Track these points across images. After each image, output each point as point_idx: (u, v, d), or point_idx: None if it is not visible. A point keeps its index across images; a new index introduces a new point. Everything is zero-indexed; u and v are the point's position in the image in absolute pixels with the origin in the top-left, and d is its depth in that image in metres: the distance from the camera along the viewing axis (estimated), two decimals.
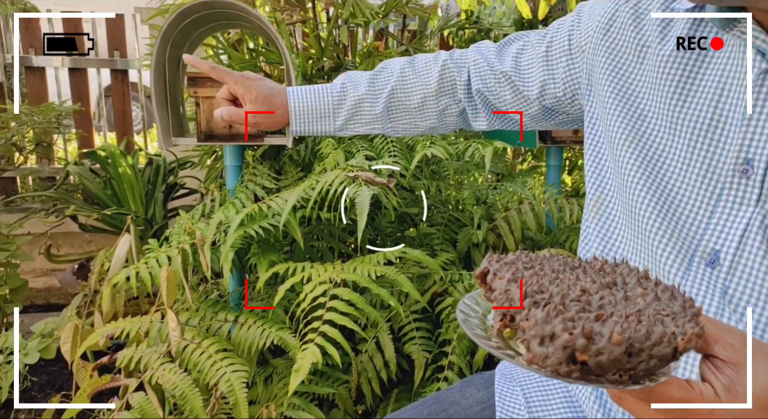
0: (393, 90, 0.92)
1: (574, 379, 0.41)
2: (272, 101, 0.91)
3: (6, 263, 1.99)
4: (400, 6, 1.98)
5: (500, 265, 0.51)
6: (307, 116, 0.92)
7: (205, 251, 1.27)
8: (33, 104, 2.66)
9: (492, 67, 0.86)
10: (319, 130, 0.95)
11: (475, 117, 0.92)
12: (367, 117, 0.94)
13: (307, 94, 0.93)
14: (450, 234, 1.62)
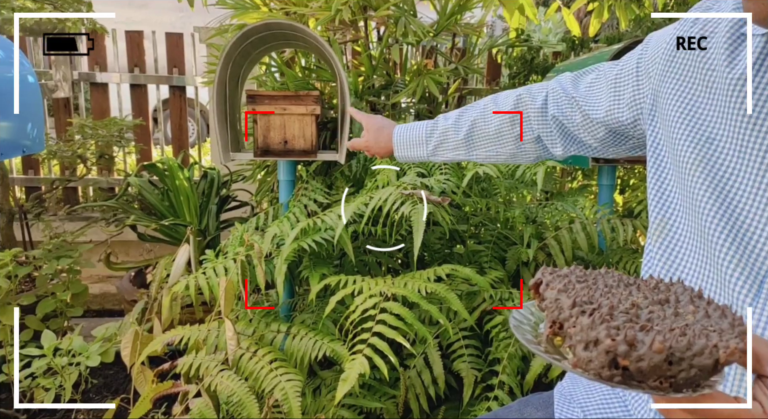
0: (475, 119, 1.03)
1: (615, 383, 0.42)
2: (381, 132, 1.16)
3: (69, 269, 2.10)
4: (452, 25, 2.01)
5: (553, 277, 0.54)
6: (406, 144, 1.12)
7: (262, 264, 1.31)
8: (96, 118, 2.80)
9: (567, 93, 0.91)
10: (416, 155, 1.12)
11: (552, 143, 0.96)
12: (451, 144, 1.06)
13: (408, 128, 1.13)
14: (499, 252, 1.62)
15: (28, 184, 2.90)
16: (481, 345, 1.35)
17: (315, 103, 1.58)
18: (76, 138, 2.55)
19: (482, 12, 2.67)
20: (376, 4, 1.96)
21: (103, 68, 2.89)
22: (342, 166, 1.77)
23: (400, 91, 2.09)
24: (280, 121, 1.59)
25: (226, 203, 2.47)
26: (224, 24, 2.25)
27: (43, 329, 2.06)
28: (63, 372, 1.55)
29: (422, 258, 1.74)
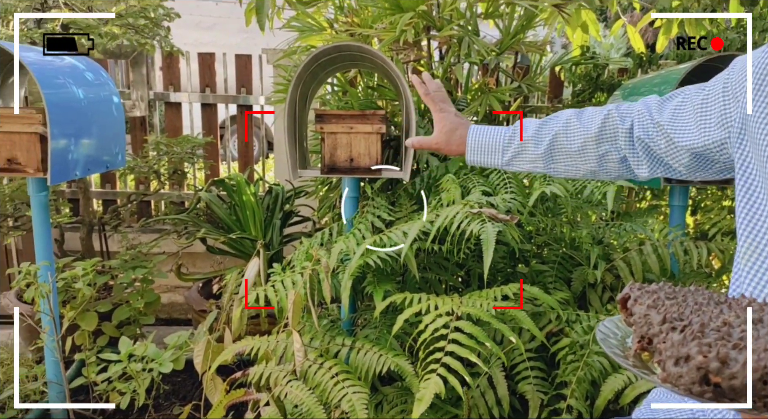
0: (557, 134, 1.01)
1: (707, 400, 0.42)
2: (454, 133, 1.11)
3: (143, 279, 2.21)
4: (516, 44, 2.02)
5: (642, 292, 0.54)
6: (480, 149, 1.09)
7: (329, 278, 1.34)
8: (170, 136, 2.95)
9: (652, 117, 0.90)
10: (489, 162, 1.09)
11: (638, 165, 0.95)
12: (530, 156, 1.05)
13: (484, 132, 1.10)
14: (564, 273, 1.59)
15: (105, 197, 3.08)
16: (547, 367, 1.33)
17: (381, 122, 1.62)
18: (151, 154, 2.70)
19: (545, 30, 2.66)
20: (439, 24, 1.99)
21: (176, 88, 3.05)
22: (405, 183, 1.79)
23: (462, 109, 2.11)
24: (347, 139, 1.63)
25: (289, 218, 2.54)
26: (292, 46, 2.35)
27: (118, 335, 2.17)
28: (137, 377, 1.63)
29: (483, 277, 1.73)
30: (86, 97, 1.65)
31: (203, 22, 7.39)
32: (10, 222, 2.29)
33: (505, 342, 1.34)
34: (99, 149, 1.73)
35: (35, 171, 1.55)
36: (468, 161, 1.11)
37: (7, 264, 2.98)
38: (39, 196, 1.65)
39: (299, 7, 2.67)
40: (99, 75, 1.80)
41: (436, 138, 1.13)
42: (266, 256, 2.38)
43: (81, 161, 1.63)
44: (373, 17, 2.13)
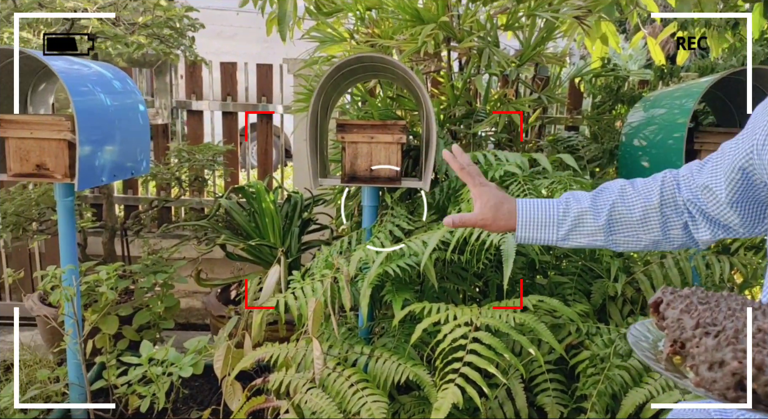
0: (614, 204, 0.98)
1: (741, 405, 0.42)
2: (500, 208, 1.04)
3: (164, 284, 2.24)
4: (536, 55, 2.02)
5: (674, 296, 0.54)
6: (533, 224, 1.02)
7: (349, 286, 1.35)
8: (191, 143, 3.00)
9: (694, 179, 0.92)
10: (543, 238, 1.03)
11: (697, 229, 0.94)
12: (589, 229, 1.00)
13: (534, 206, 1.03)
14: (583, 285, 1.58)
15: (126, 203, 3.13)
16: (566, 379, 1.32)
17: (401, 133, 1.64)
18: (173, 161, 2.74)
19: (564, 41, 2.66)
20: (460, 35, 2.01)
21: (198, 96, 3.10)
22: (425, 193, 1.80)
23: (481, 120, 2.12)
24: (368, 149, 1.65)
25: (308, 226, 2.55)
26: (312, 56, 2.38)
27: (138, 339, 2.20)
28: (158, 381, 1.65)
29: (501, 288, 1.73)
30: (113, 104, 1.69)
31: (224, 31, 7.49)
32: (35, 226, 2.34)
33: (524, 353, 1.34)
34: (124, 155, 1.77)
35: (63, 177, 1.58)
36: (519, 238, 1.04)
37: (31, 268, 3.04)
38: (65, 201, 1.69)
39: (320, 18, 2.71)
40: (126, 83, 1.84)
41: (482, 214, 1.05)
42: (286, 263, 2.40)
43: (107, 168, 1.66)
44: (394, 29, 2.15)
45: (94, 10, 1.98)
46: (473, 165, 1.11)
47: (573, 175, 1.58)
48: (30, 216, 2.22)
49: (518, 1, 2.06)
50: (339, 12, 2.63)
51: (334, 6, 2.68)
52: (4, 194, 2.32)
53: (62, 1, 1.90)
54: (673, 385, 1.12)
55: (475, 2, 2.00)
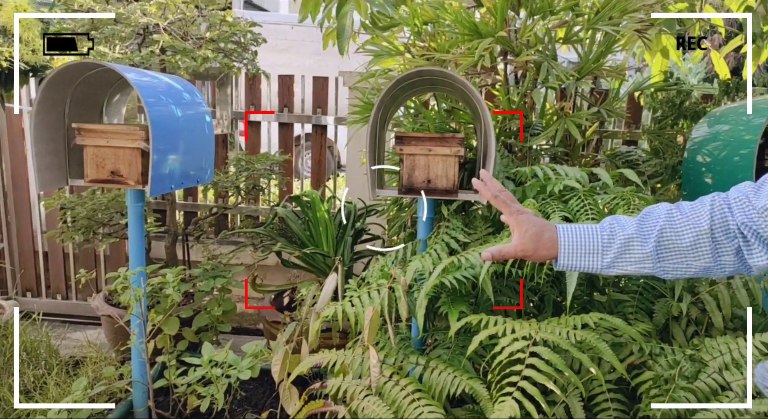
0: (662, 229, 0.95)
1: None
2: (541, 236, 1.00)
3: (222, 288, 2.31)
4: (597, 69, 2.00)
5: None
6: (576, 251, 0.99)
7: (405, 296, 1.37)
8: (249, 153, 3.10)
9: (751, 202, 0.89)
10: (587, 265, 0.99)
11: (751, 254, 0.91)
12: (636, 256, 0.97)
13: (577, 232, 1.00)
14: (645, 304, 1.55)
15: (187, 209, 3.26)
16: (627, 400, 1.29)
17: (459, 145, 1.65)
18: (231, 170, 2.83)
19: (623, 54, 2.62)
20: (517, 49, 2.01)
21: (257, 108, 3.20)
22: (481, 206, 1.81)
23: (537, 133, 2.10)
24: (425, 161, 1.67)
25: (360, 236, 2.59)
26: (369, 69, 2.43)
27: (197, 340, 2.28)
28: (217, 383, 1.71)
29: (558, 304, 1.71)
30: (183, 115, 1.77)
31: (279, 45, 7.71)
32: (104, 230, 2.46)
33: (583, 371, 1.32)
34: (191, 164, 1.85)
35: (135, 183, 1.67)
36: (561, 265, 1.00)
37: (96, 269, 3.19)
38: (136, 206, 1.77)
39: (375, 32, 2.76)
40: (194, 95, 1.93)
41: (522, 245, 1.01)
42: (343, 272, 2.44)
43: (176, 176, 1.74)
44: (450, 42, 2.17)
45: (165, 25, 2.08)
46: (506, 191, 1.08)
47: (635, 191, 1.55)
48: (100, 220, 2.34)
49: (577, 15, 2.05)
50: (394, 26, 2.67)
51: (389, 20, 2.73)
52: (77, 198, 2.46)
53: (136, 17, 2.01)
54: (743, 411, 1.08)
55: (532, 16, 2.00)
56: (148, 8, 2.00)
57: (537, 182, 1.63)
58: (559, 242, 0.99)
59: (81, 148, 1.69)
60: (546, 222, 1.03)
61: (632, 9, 2.00)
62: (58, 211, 2.80)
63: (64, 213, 2.55)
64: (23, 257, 3.19)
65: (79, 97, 1.74)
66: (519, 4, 2.07)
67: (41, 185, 1.65)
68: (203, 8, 2.21)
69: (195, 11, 2.15)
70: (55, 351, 2.38)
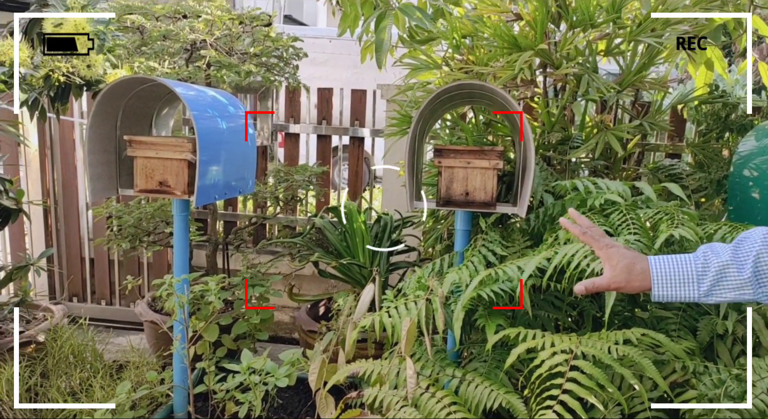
0: (759, 254, 0.95)
1: None
2: (632, 268, 1.01)
3: (260, 297, 2.36)
4: (639, 81, 1.98)
5: None
6: (670, 282, 0.99)
7: (443, 308, 1.37)
8: (288, 164, 3.16)
9: None
10: (683, 295, 0.99)
11: None
12: (733, 283, 0.96)
13: (669, 263, 1.00)
14: (689, 321, 1.51)
15: (226, 219, 3.33)
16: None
17: (498, 158, 1.65)
18: (271, 181, 2.90)
19: (665, 66, 2.57)
20: (557, 62, 2.00)
21: (296, 120, 3.27)
22: (519, 219, 1.80)
23: (577, 146, 2.08)
24: (464, 173, 1.68)
25: (396, 247, 2.60)
26: (407, 82, 2.45)
27: (235, 347, 2.32)
28: (255, 389, 1.74)
29: (597, 319, 1.68)
30: (227, 128, 1.83)
31: (317, 58, 7.84)
32: (148, 238, 2.54)
33: (624, 387, 1.29)
34: (234, 175, 1.90)
35: (182, 193, 1.73)
36: (656, 296, 1.01)
37: (139, 276, 3.29)
38: (182, 216, 1.83)
39: (413, 45, 2.79)
40: (238, 108, 1.99)
41: (614, 277, 1.03)
42: (381, 283, 2.46)
43: (220, 186, 1.80)
44: (489, 56, 2.18)
45: (212, 41, 2.16)
46: (595, 227, 1.11)
47: (679, 205, 1.52)
48: (145, 229, 2.43)
49: (619, 27, 2.03)
50: (432, 40, 2.70)
51: (427, 34, 2.76)
52: (124, 207, 2.55)
53: (185, 33, 2.09)
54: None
55: (573, 29, 1.99)
56: (197, 25, 2.08)
57: (577, 195, 1.62)
58: (651, 273, 1.00)
59: (131, 159, 1.76)
60: (638, 254, 1.04)
61: (675, 21, 1.98)
62: (105, 219, 2.91)
63: (111, 221, 2.65)
64: (71, 263, 3.32)
65: (131, 110, 1.82)
66: (559, 17, 2.06)
67: (93, 194, 1.72)
68: (248, 24, 2.28)
69: (240, 27, 2.22)
70: (100, 355, 2.46)
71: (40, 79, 1.85)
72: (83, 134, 3.11)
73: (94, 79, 1.79)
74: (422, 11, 2.72)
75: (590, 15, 1.92)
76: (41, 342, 2.35)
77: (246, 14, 2.25)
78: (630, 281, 1.01)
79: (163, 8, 2.20)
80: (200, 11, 2.13)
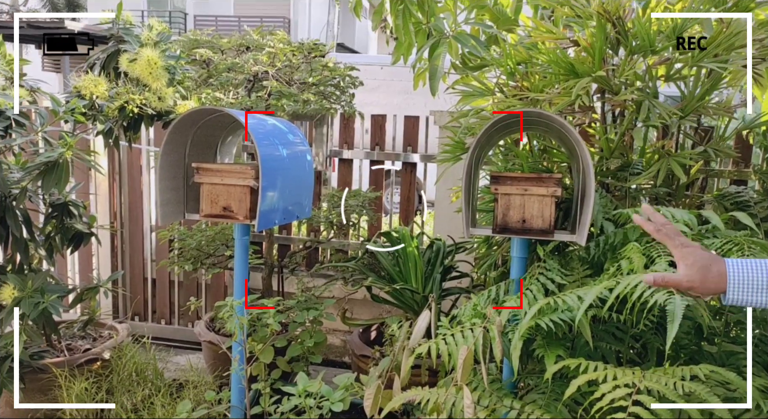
0: None
1: None
2: (708, 269, 1.00)
3: (314, 320, 2.39)
4: (702, 107, 1.93)
5: None
6: (746, 287, 0.98)
7: (501, 337, 1.36)
8: (341, 189, 3.22)
9: None
10: (756, 301, 0.99)
11: None
12: None
13: (747, 267, 0.99)
14: (762, 357, 1.44)
15: (280, 242, 3.42)
16: None
17: (556, 186, 1.64)
18: (324, 206, 2.96)
19: (729, 90, 2.49)
20: (616, 88, 1.98)
21: (350, 146, 3.34)
22: (578, 247, 1.77)
23: (638, 173, 2.04)
24: (520, 201, 1.67)
25: (449, 273, 2.60)
26: (461, 109, 2.48)
27: (289, 370, 2.35)
28: (310, 413, 1.76)
29: (662, 352, 1.62)
30: (288, 155, 1.90)
31: (369, 84, 7.98)
32: (209, 261, 2.64)
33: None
34: (293, 201, 1.96)
35: (244, 218, 1.79)
36: (729, 300, 1.00)
37: (197, 296, 3.40)
38: (243, 240, 1.90)
39: (465, 72, 2.82)
40: (297, 136, 2.06)
41: (688, 276, 1.02)
42: (422, 307, 2.45)
43: (279, 211, 1.85)
44: (544, 82, 2.18)
45: (273, 72, 2.25)
46: (670, 224, 1.09)
47: (748, 235, 1.46)
48: (206, 251, 2.52)
49: (680, 52, 1.99)
50: (485, 67, 2.72)
51: (479, 61, 2.78)
52: (187, 230, 2.66)
53: (249, 66, 2.20)
54: None
55: (632, 55, 1.97)
56: (260, 57, 2.18)
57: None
58: (729, 276, 0.99)
59: (197, 185, 1.85)
60: (714, 255, 1.02)
61: (739, 45, 1.92)
62: (168, 241, 3.04)
63: (174, 244, 2.76)
64: (134, 283, 3.47)
65: (198, 138, 1.91)
66: (617, 43, 2.04)
67: (163, 218, 1.81)
68: (307, 55, 2.37)
69: (300, 58, 2.31)
70: (161, 374, 2.55)
71: (115, 110, 1.98)
72: (149, 159, 3.28)
73: (164, 110, 1.89)
74: (476, 39, 2.75)
75: (651, 41, 1.90)
76: (107, 360, 2.45)
77: (306, 45, 2.34)
78: (705, 282, 1.00)
79: (229, 42, 2.32)
80: (263, 44, 2.24)
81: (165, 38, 1.96)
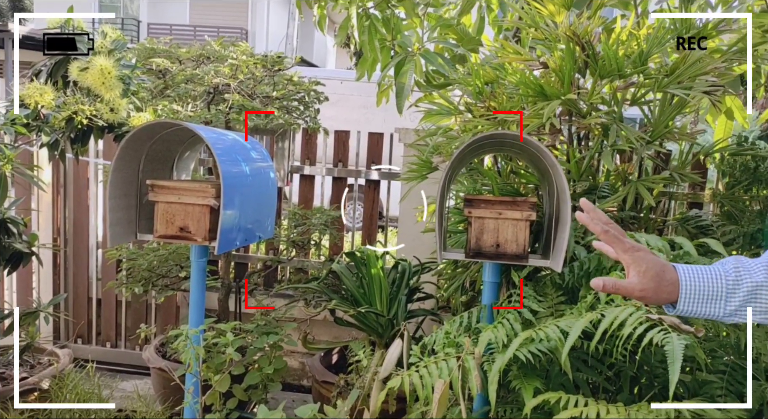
0: None
1: None
2: (662, 277, 0.91)
3: (273, 345, 2.27)
4: (669, 132, 1.95)
5: None
6: (699, 297, 0.91)
7: (479, 370, 1.30)
8: (302, 206, 3.12)
9: None
10: (708, 312, 0.92)
11: None
12: (765, 305, 0.90)
13: (699, 275, 0.92)
14: (735, 386, 1.43)
15: (237, 260, 3.27)
16: None
17: (531, 209, 1.60)
18: (285, 223, 2.85)
19: (684, 118, 2.55)
20: (584, 112, 1.98)
21: (312, 162, 3.24)
22: (550, 272, 1.74)
23: (604, 196, 2.04)
24: (494, 224, 1.63)
25: (414, 294, 2.53)
26: (425, 128, 2.44)
27: (246, 398, 2.22)
28: None
29: (635, 379, 1.60)
30: (251, 173, 1.79)
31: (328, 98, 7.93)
32: (161, 282, 2.48)
33: None
34: (255, 220, 1.85)
35: (203, 240, 1.68)
36: (680, 311, 0.92)
37: (146, 318, 3.21)
38: (200, 262, 1.78)
39: (429, 90, 2.79)
40: (261, 152, 1.96)
41: (641, 284, 0.91)
42: (387, 331, 2.37)
43: (242, 232, 1.74)
44: (512, 103, 2.16)
45: (236, 85, 2.15)
46: (614, 224, 0.97)
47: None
48: (159, 272, 2.36)
49: (645, 77, 2.01)
50: (449, 85, 2.69)
51: (443, 79, 2.76)
52: (137, 250, 2.50)
53: (210, 77, 2.09)
54: None
55: (600, 79, 1.98)
56: (222, 69, 2.07)
57: None
58: (681, 285, 0.91)
59: (150, 203, 1.72)
60: (665, 262, 0.93)
61: (702, 72, 1.96)
62: (115, 261, 2.85)
63: (123, 264, 2.59)
64: (77, 303, 3.24)
65: (154, 153, 1.79)
66: (585, 67, 2.05)
67: (112, 240, 1.67)
68: (270, 68, 2.27)
69: (264, 72, 2.21)
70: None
71: (62, 121, 1.83)
72: (97, 172, 3.09)
73: (117, 122, 1.76)
74: (443, 57, 2.72)
75: (619, 65, 1.91)
76: (45, 390, 2.25)
77: (270, 58, 2.25)
78: (659, 290, 0.91)
79: (188, 52, 2.21)
80: (226, 55, 2.13)
81: (120, 46, 1.83)
